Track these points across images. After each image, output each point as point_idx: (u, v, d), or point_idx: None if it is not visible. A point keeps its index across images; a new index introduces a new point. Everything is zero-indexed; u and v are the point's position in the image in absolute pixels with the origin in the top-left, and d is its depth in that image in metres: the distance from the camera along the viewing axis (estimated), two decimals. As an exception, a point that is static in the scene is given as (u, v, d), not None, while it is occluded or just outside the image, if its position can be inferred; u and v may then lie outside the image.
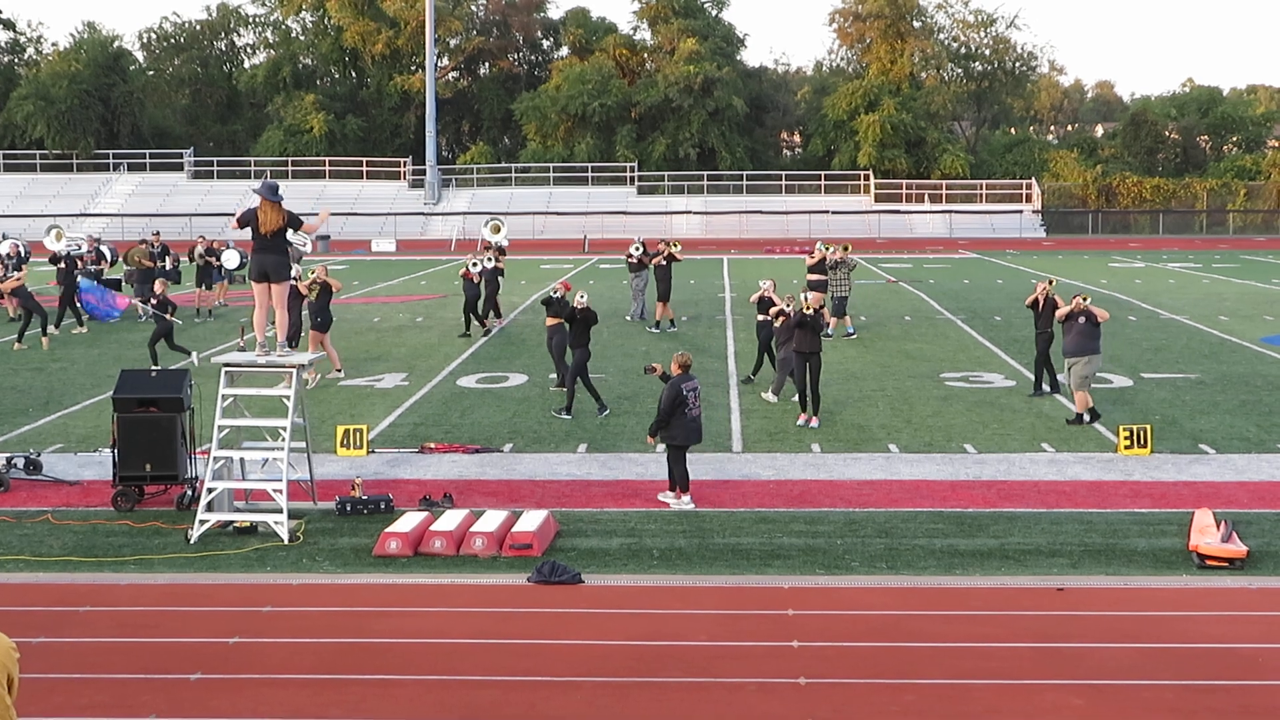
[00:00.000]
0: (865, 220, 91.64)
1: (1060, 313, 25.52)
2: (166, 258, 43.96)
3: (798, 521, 18.21)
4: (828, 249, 36.88)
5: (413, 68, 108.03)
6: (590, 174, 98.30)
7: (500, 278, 39.39)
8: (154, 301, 31.53)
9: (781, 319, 26.46)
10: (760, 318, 28.69)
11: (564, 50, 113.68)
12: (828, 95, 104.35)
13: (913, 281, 54.91)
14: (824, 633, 13.95)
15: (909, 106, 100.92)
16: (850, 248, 37.91)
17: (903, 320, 40.91)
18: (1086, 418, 24.43)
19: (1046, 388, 27.09)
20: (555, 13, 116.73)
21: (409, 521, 17.38)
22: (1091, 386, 24.90)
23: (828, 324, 35.74)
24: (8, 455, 21.41)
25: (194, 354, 31.51)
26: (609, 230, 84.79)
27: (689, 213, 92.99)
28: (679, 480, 19.19)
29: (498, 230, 42.99)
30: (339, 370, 29.89)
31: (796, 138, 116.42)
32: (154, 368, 25.75)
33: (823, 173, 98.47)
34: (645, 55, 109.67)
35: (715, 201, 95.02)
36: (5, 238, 48.66)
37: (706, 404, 26.22)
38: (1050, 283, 27.55)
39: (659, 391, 20.75)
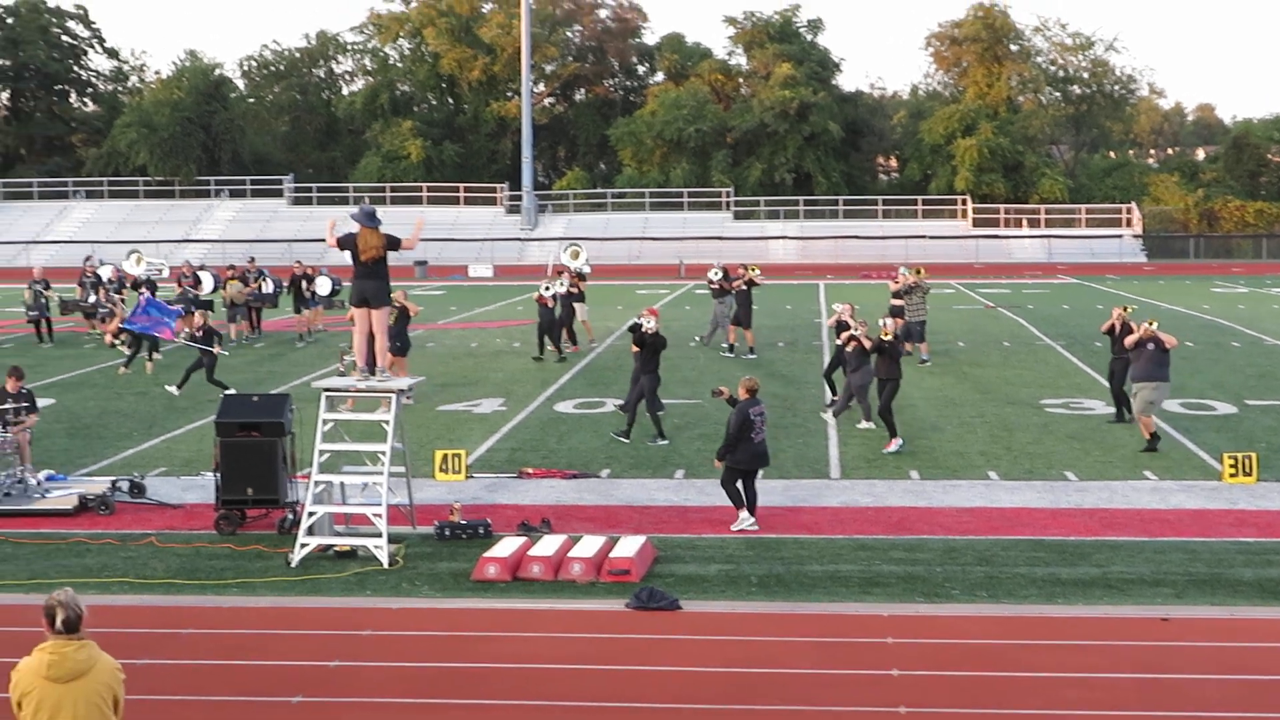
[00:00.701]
0: (963, 245, 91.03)
1: (1129, 340, 25.24)
2: (264, 282, 44.39)
3: (897, 549, 18.09)
4: (911, 273, 36.67)
5: (509, 94, 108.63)
6: (686, 199, 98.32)
7: (578, 303, 39.34)
8: (198, 334, 31.83)
9: (853, 344, 26.34)
10: (838, 342, 28.59)
11: (659, 76, 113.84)
12: (924, 119, 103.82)
13: (1011, 307, 54.47)
14: (924, 661, 13.84)
15: (1006, 130, 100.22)
16: (924, 271, 37.58)
17: (1001, 346, 40.59)
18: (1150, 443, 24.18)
19: (1129, 415, 26.61)
20: (651, 38, 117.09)
21: (507, 546, 17.41)
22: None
23: (906, 350, 35.55)
24: (113, 479, 21.70)
25: (231, 390, 31.67)
26: (705, 255, 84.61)
27: (785, 238, 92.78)
28: (733, 498, 19.17)
29: (577, 255, 43.06)
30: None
31: (893, 162, 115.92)
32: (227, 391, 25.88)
33: (919, 197, 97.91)
34: (740, 80, 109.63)
35: (811, 226, 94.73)
36: (103, 262, 49.29)
37: (804, 431, 26.17)
38: (1126, 309, 27.25)
39: (768, 418, 20.64)
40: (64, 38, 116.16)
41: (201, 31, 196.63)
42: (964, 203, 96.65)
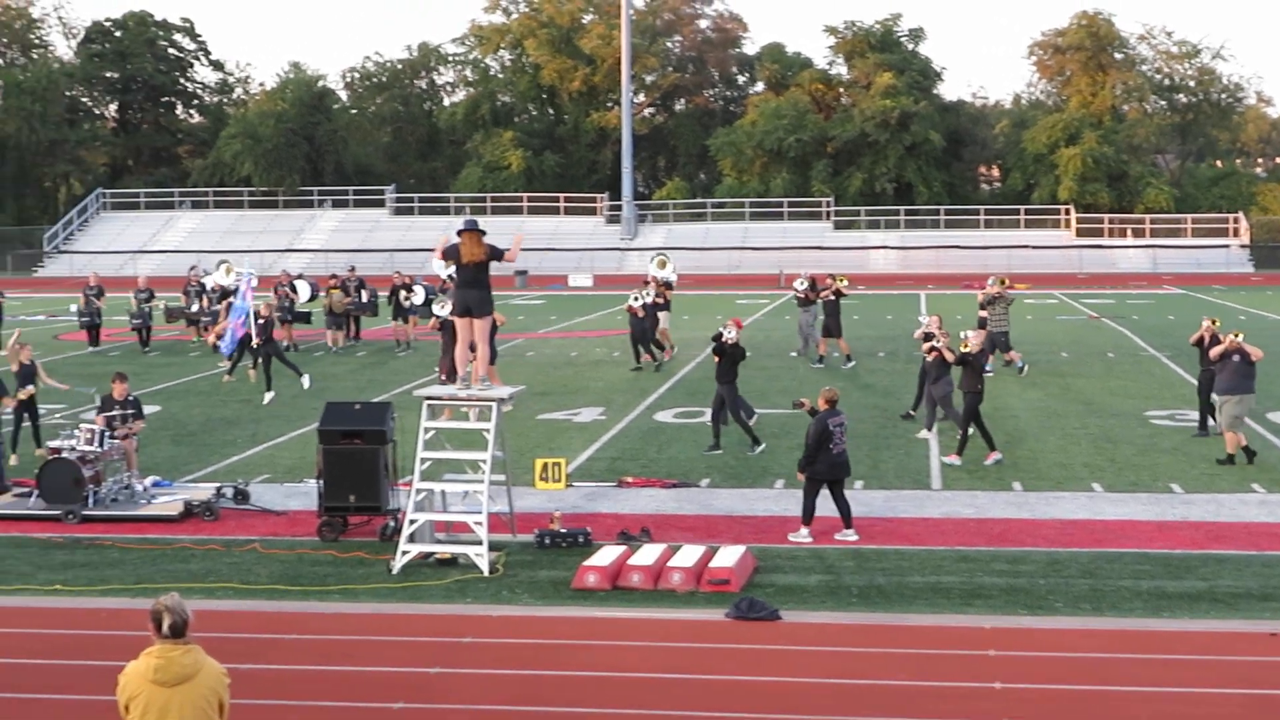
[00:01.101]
0: (1066, 255, 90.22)
1: (1214, 351, 24.88)
2: (363, 292, 44.83)
3: (999, 561, 17.93)
4: (995, 284, 36.36)
5: (609, 104, 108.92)
6: (786, 209, 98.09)
7: (662, 313, 39.43)
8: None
9: (934, 354, 26.15)
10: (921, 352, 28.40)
11: (759, 85, 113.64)
12: (1027, 128, 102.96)
13: (1115, 317, 53.89)
14: (1027, 674, 13.70)
15: (1111, 139, 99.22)
16: (1007, 282, 37.19)
17: (1105, 357, 40.16)
18: (1240, 458, 23.74)
19: (1213, 423, 26.12)
20: (751, 48, 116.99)
21: (607, 555, 17.42)
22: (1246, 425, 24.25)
23: (1013, 358, 35.33)
24: (218, 485, 21.94)
25: (272, 395, 31.94)
26: (805, 265, 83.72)
27: (885, 247, 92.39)
28: (806, 510, 19.08)
29: (664, 265, 43.07)
30: None
31: (995, 171, 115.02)
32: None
33: (1022, 207, 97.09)
34: (841, 90, 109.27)
35: (912, 236, 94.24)
36: (207, 272, 49.86)
37: (905, 441, 26.01)
38: (1214, 321, 26.88)
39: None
40: (171, 51, 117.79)
41: (305, 44, 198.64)
42: (1067, 213, 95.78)
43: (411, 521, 18.04)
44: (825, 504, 19.61)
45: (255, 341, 32.77)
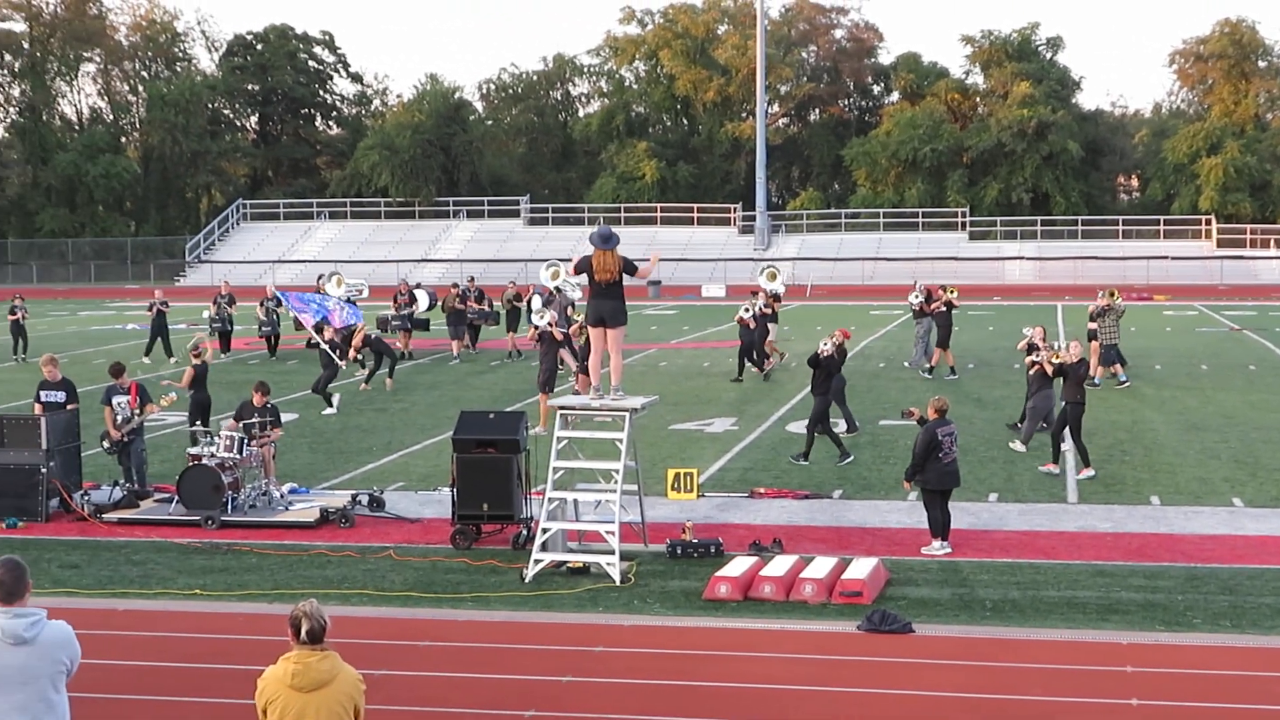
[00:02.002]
0: (1206, 266, 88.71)
1: None
2: (481, 301, 45.40)
3: (1136, 575, 17.67)
4: (1105, 296, 35.85)
5: (743, 114, 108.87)
6: (920, 219, 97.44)
7: (771, 324, 39.38)
8: (335, 340, 32.78)
9: (1035, 367, 25.82)
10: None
11: (895, 95, 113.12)
12: (1167, 138, 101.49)
13: (1258, 330, 52.90)
14: (1165, 691, 13.50)
15: (1254, 149, 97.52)
16: (1116, 294, 36.59)
17: (1247, 370, 39.45)
18: None
19: None
20: (886, 58, 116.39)
21: (739, 566, 17.40)
22: None
23: (1094, 374, 34.82)
24: (353, 492, 22.19)
25: (333, 409, 32.02)
26: (939, 276, 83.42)
27: (1021, 258, 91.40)
28: (934, 525, 18.89)
29: (773, 277, 42.97)
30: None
31: (1134, 181, 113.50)
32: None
33: (1161, 217, 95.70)
34: (978, 99, 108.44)
35: (1049, 247, 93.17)
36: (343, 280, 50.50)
37: (1040, 454, 25.69)
38: None
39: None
40: (311, 63, 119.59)
41: (442, 56, 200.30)
42: (1208, 223, 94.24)
43: (544, 530, 18.13)
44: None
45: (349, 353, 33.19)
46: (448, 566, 18.50)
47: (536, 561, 17.90)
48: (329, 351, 32.89)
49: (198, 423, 25.46)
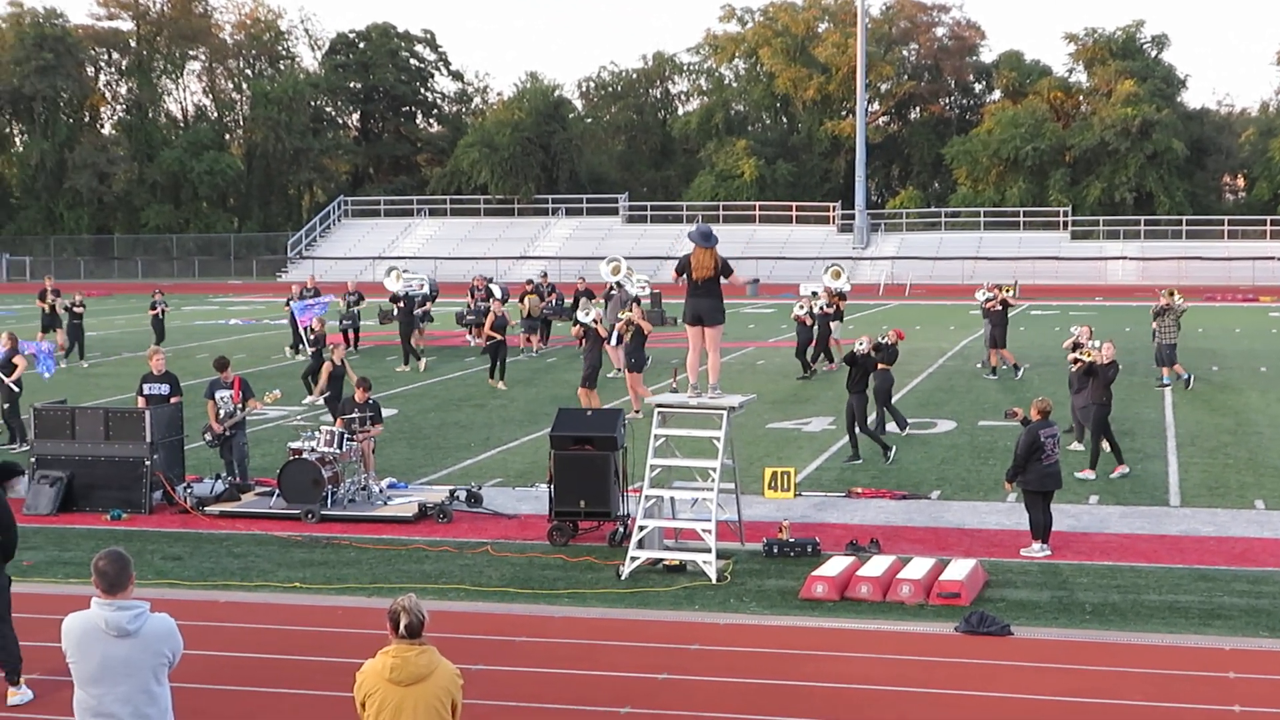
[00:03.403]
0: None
1: None
2: (551, 297, 45.75)
3: (1240, 581, 17.43)
4: (1164, 295, 35.40)
5: (843, 112, 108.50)
6: (1022, 218, 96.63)
7: (835, 322, 39.52)
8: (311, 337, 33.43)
9: (1077, 365, 25.52)
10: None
11: (996, 94, 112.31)
12: (1275, 137, 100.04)
13: (1366, 332, 52.01)
14: (1270, 699, 13.31)
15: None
16: (1176, 293, 36.07)
17: (1355, 372, 38.81)
18: None
19: None
20: (988, 56, 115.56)
21: (835, 565, 17.35)
22: None
23: (1162, 374, 34.38)
24: (451, 488, 22.32)
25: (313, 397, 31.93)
26: (1040, 276, 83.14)
27: (1124, 258, 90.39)
28: (1035, 527, 18.70)
29: (838, 276, 42.82)
30: (637, 413, 29.33)
31: (1240, 181, 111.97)
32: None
33: (1269, 218, 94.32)
34: (1080, 98, 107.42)
35: (1152, 247, 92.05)
36: (490, 280, 50.89)
37: (1142, 456, 25.44)
38: None
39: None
40: (412, 61, 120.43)
41: (542, 54, 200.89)
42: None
43: (641, 528, 18.15)
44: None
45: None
46: (544, 562, 18.56)
47: (633, 559, 17.93)
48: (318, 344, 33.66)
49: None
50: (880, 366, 27.02)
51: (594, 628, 15.75)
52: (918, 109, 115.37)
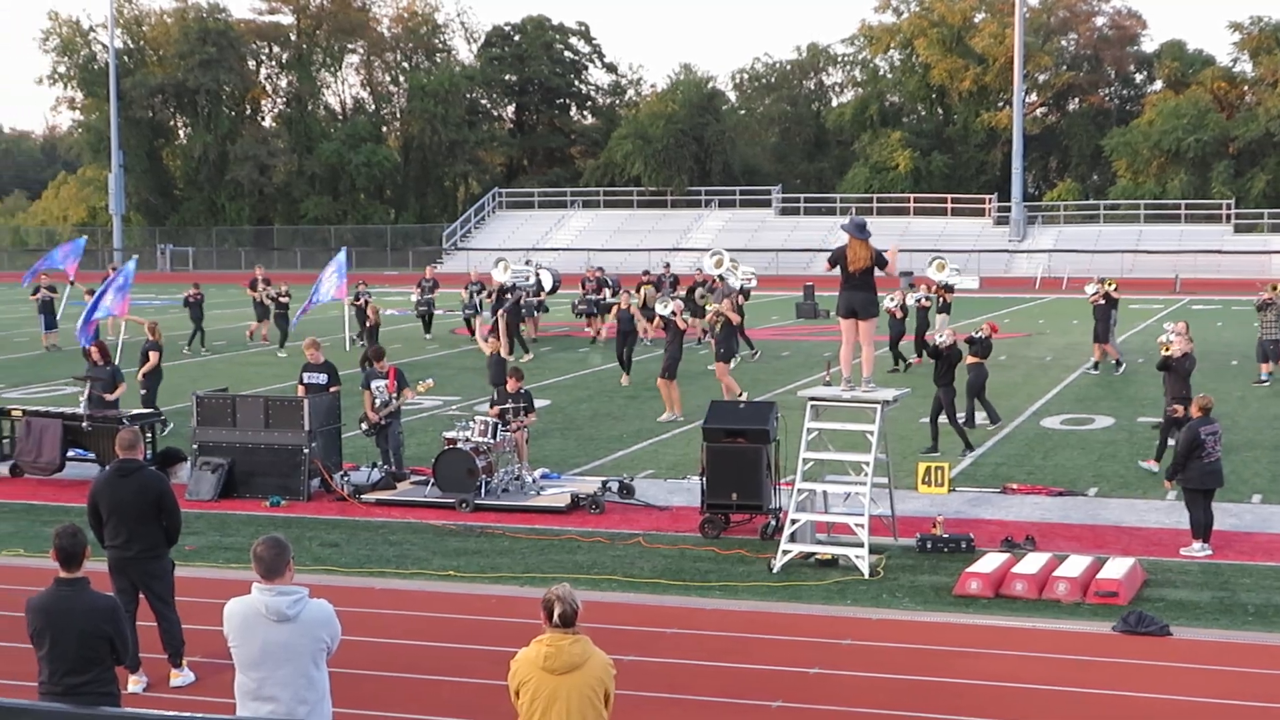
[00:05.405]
0: None
1: None
2: (605, 289, 46.18)
3: None
4: (1267, 290, 34.45)
5: (1000, 104, 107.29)
6: (1183, 211, 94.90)
7: (942, 315, 38.98)
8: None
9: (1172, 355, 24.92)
10: None
11: (1158, 84, 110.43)
12: None
13: None
14: None
15: None
16: (1279, 287, 35.07)
17: None
18: None
19: None
20: (1149, 45, 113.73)
21: (990, 562, 17.17)
22: None
23: (1260, 371, 33.48)
24: (603, 479, 22.41)
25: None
26: (1201, 270, 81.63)
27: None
28: (1195, 526, 18.32)
29: (942, 268, 42.25)
30: (741, 395, 29.32)
31: None
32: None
33: None
34: (1245, 88, 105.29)
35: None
36: (600, 269, 51.17)
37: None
38: None
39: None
40: (566, 53, 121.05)
41: (695, 46, 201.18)
42: None
43: (793, 521, 18.09)
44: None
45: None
46: (696, 555, 18.57)
47: (785, 552, 17.88)
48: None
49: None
50: (972, 360, 26.85)
51: (745, 621, 15.72)
52: (1076, 100, 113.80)
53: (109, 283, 35.85)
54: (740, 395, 29.31)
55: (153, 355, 27.79)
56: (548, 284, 46.19)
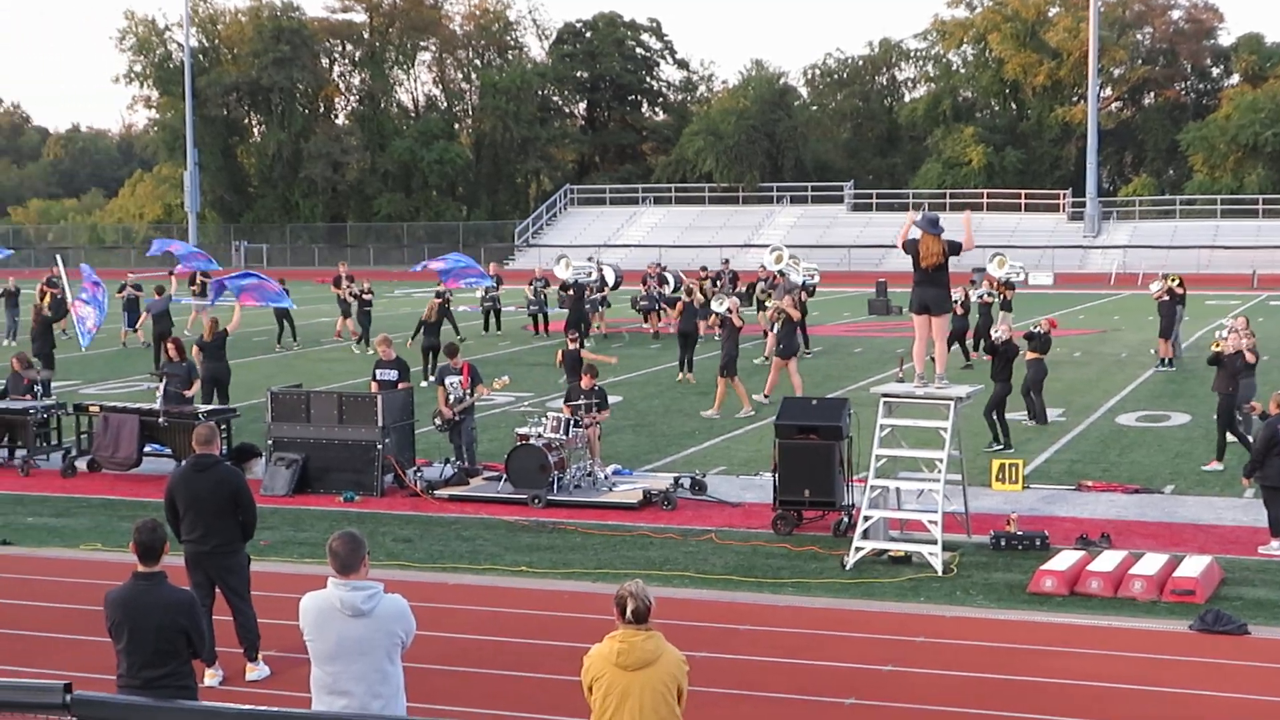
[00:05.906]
0: None
1: None
2: (665, 286, 46.24)
3: None
4: None
5: (1074, 99, 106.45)
6: (1261, 206, 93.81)
7: (1004, 312, 38.76)
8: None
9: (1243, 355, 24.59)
10: None
11: (1235, 78, 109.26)
12: None
13: None
14: None
15: None
16: None
17: None
18: None
19: None
20: (1226, 39, 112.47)
21: (1065, 560, 17.06)
22: None
23: None
24: (675, 475, 22.41)
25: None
26: (1279, 265, 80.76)
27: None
28: (1274, 524, 18.10)
29: (1002, 265, 41.99)
30: (754, 399, 29.93)
31: None
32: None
33: None
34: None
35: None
36: (664, 268, 51.21)
37: None
38: None
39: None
40: (638, 50, 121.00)
41: (767, 42, 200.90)
42: None
43: (866, 518, 18.04)
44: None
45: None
46: (768, 551, 18.55)
47: (858, 549, 17.82)
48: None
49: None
50: (1031, 355, 26.72)
51: (818, 618, 15.70)
52: (1152, 94, 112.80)
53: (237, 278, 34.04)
54: (760, 397, 30.11)
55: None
56: (610, 280, 46.35)
